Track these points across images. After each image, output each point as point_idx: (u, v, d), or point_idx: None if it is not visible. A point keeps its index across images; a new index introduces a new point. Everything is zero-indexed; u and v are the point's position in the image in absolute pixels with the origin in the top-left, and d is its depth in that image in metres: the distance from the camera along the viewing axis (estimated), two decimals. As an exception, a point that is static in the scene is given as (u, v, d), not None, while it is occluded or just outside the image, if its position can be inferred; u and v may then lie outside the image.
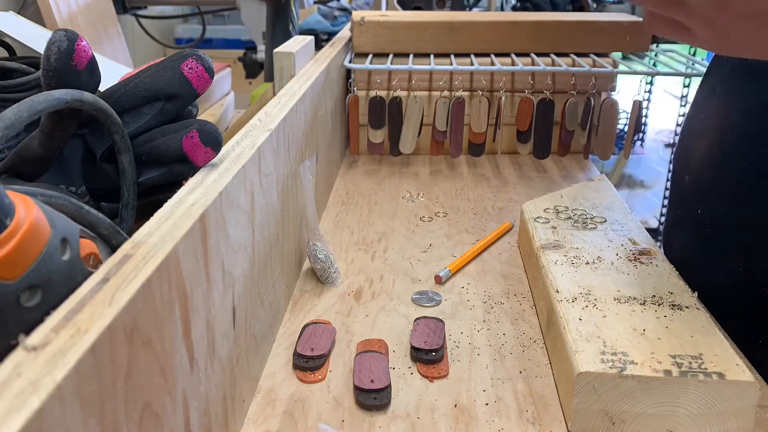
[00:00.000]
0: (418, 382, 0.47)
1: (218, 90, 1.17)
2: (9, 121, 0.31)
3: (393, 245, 0.69)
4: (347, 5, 1.99)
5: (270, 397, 0.45)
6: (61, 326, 0.24)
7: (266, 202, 0.48)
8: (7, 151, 0.54)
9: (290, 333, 0.53)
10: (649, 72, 0.94)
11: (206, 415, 0.35)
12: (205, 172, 0.40)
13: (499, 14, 1.19)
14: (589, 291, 0.49)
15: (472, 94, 0.93)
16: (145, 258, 0.29)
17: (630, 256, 0.55)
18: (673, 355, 0.42)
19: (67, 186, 0.43)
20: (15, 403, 0.20)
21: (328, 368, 0.48)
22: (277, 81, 0.72)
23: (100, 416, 0.23)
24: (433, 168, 0.94)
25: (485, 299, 0.58)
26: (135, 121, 0.43)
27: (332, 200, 0.81)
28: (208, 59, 0.44)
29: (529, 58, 0.95)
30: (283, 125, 0.53)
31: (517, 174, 0.92)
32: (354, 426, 0.43)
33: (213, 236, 0.36)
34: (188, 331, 0.32)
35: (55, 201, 0.34)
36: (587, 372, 0.41)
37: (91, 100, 0.38)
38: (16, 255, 0.26)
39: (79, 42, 0.39)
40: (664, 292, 0.49)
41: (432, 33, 0.95)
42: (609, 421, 0.41)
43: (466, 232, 0.72)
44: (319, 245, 0.60)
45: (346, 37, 1.00)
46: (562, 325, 0.46)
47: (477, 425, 0.43)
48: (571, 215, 0.63)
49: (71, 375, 0.21)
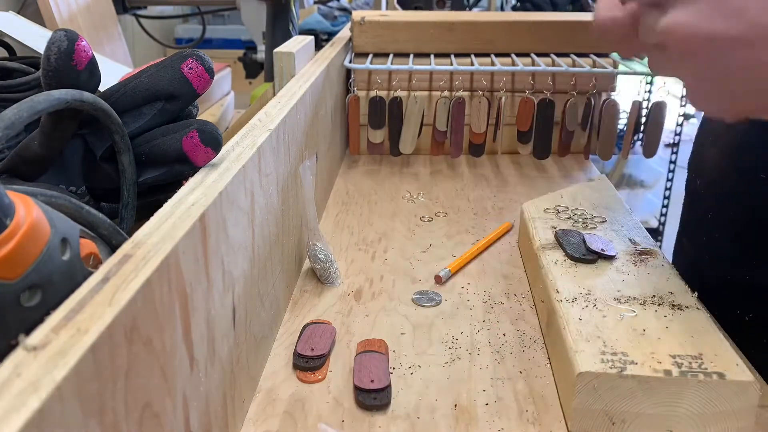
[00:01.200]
0: (418, 382, 0.47)
1: (218, 90, 1.17)
2: (9, 121, 0.31)
3: (393, 245, 0.69)
4: (347, 5, 1.99)
5: (270, 397, 0.45)
6: (61, 326, 0.24)
7: (266, 202, 0.48)
8: (7, 151, 0.54)
9: (290, 333, 0.53)
10: (649, 72, 0.95)
11: (206, 415, 0.35)
12: (205, 172, 0.40)
13: (499, 14, 1.19)
14: (589, 291, 0.49)
15: (472, 94, 0.93)
16: (145, 258, 0.29)
17: (630, 256, 0.55)
18: (673, 355, 0.42)
19: (67, 186, 0.43)
20: (15, 403, 0.20)
21: (328, 368, 0.48)
22: (277, 81, 0.72)
23: (100, 416, 0.23)
24: (433, 168, 0.94)
25: (485, 299, 0.58)
26: (135, 121, 0.43)
27: (332, 200, 0.81)
28: (208, 59, 0.44)
29: (529, 59, 0.95)
30: (283, 125, 0.53)
31: (517, 174, 0.92)
32: (354, 426, 0.43)
33: (213, 236, 0.36)
34: (188, 331, 0.32)
35: (55, 201, 0.34)
36: (587, 372, 0.41)
37: (91, 100, 0.38)
38: (16, 255, 0.26)
39: (79, 42, 0.39)
40: (664, 292, 0.49)
41: (432, 33, 0.95)
42: (609, 421, 0.41)
43: (466, 232, 0.72)
44: (319, 245, 0.60)
45: (346, 37, 1.00)
46: (562, 325, 0.46)
47: (477, 425, 0.43)
48: (571, 215, 0.63)
49: (71, 375, 0.21)
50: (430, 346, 0.51)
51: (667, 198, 2.45)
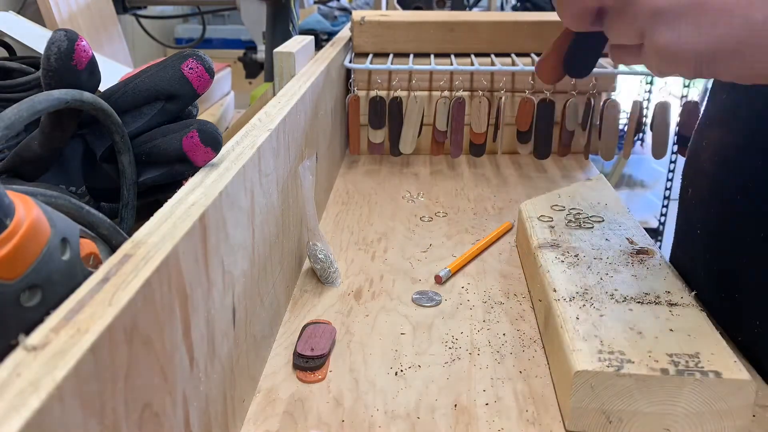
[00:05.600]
0: (418, 382, 0.47)
1: (218, 90, 1.17)
2: (9, 121, 0.31)
3: (393, 245, 0.69)
4: (347, 5, 1.99)
5: (270, 397, 0.45)
6: (61, 326, 0.24)
7: (266, 202, 0.48)
8: (7, 151, 0.54)
9: (290, 333, 0.53)
10: (649, 72, 0.95)
11: (206, 415, 0.35)
12: (205, 172, 0.40)
13: (499, 14, 1.19)
14: (586, 290, 0.50)
15: (472, 94, 0.93)
16: (145, 258, 0.29)
17: (628, 256, 0.55)
18: (670, 353, 0.42)
19: (67, 186, 0.43)
20: (15, 403, 0.20)
21: (328, 368, 0.48)
22: (277, 81, 0.73)
23: (100, 416, 0.24)
24: (433, 168, 0.94)
25: (485, 299, 0.58)
26: (135, 121, 0.43)
27: (332, 200, 0.81)
28: (209, 59, 0.44)
29: (529, 58, 0.95)
30: (283, 125, 0.53)
31: (517, 174, 0.92)
32: (354, 426, 0.43)
33: (213, 236, 0.36)
34: (188, 331, 0.32)
35: (55, 201, 0.34)
36: (584, 371, 0.41)
37: (91, 100, 0.38)
38: (16, 255, 0.26)
39: (79, 42, 0.39)
40: (662, 291, 0.49)
41: (432, 33, 0.95)
42: (606, 420, 0.42)
43: (466, 232, 0.72)
44: (319, 245, 0.60)
45: (346, 37, 1.01)
46: (559, 324, 0.46)
47: (477, 425, 0.43)
48: (569, 214, 0.63)
49: (71, 375, 0.21)
50: (430, 346, 0.51)
51: (667, 198, 2.45)
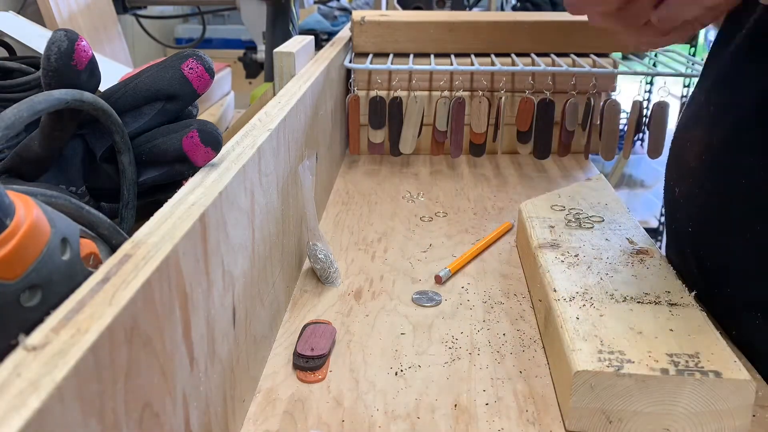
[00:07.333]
0: (418, 382, 0.47)
1: (218, 90, 1.17)
2: (9, 121, 0.31)
3: (393, 245, 0.69)
4: (347, 5, 1.99)
5: (270, 397, 0.46)
6: (61, 326, 0.24)
7: (266, 202, 0.48)
8: (7, 151, 0.54)
9: (290, 333, 0.53)
10: (649, 72, 0.95)
11: (206, 415, 0.35)
12: (205, 172, 0.40)
13: (499, 14, 1.19)
14: (586, 290, 0.50)
15: (472, 94, 0.93)
16: (145, 258, 0.29)
17: (627, 256, 0.55)
18: (670, 353, 0.42)
19: (67, 186, 0.43)
20: (15, 403, 0.20)
21: (328, 368, 0.48)
22: (277, 81, 0.73)
23: (100, 416, 0.24)
24: (433, 168, 0.94)
25: (485, 299, 0.58)
26: (135, 121, 0.43)
27: (332, 200, 0.81)
28: (209, 59, 0.44)
29: (529, 58, 0.95)
30: (283, 125, 0.53)
31: (517, 174, 0.92)
32: (354, 426, 0.43)
33: (213, 236, 0.36)
34: (188, 331, 0.32)
35: (55, 201, 0.34)
36: (584, 370, 0.41)
37: (91, 100, 0.38)
38: (16, 255, 0.26)
39: (79, 42, 0.39)
40: (662, 291, 0.49)
41: (432, 33, 0.95)
42: (606, 420, 0.42)
43: (466, 232, 0.72)
44: (319, 245, 0.60)
45: (346, 37, 1.01)
46: (559, 324, 0.46)
47: (477, 425, 0.43)
48: (569, 214, 0.63)
49: (71, 375, 0.21)
50: (430, 346, 0.51)
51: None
